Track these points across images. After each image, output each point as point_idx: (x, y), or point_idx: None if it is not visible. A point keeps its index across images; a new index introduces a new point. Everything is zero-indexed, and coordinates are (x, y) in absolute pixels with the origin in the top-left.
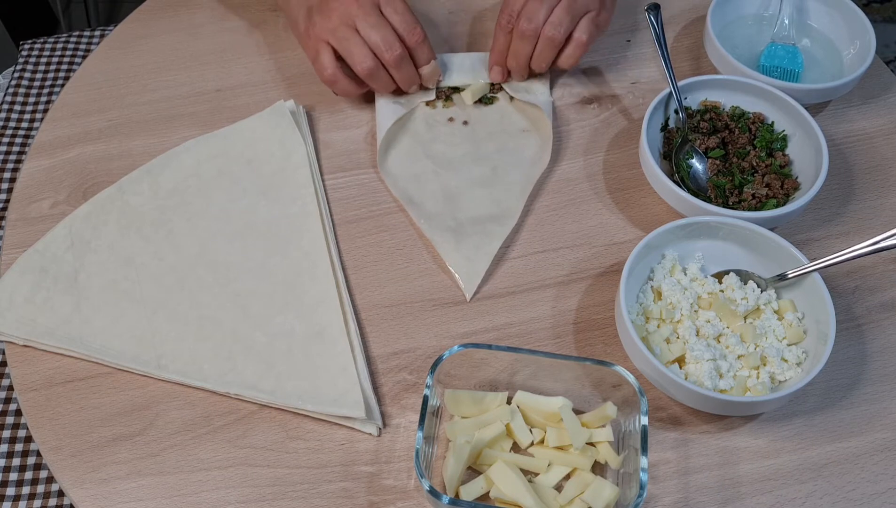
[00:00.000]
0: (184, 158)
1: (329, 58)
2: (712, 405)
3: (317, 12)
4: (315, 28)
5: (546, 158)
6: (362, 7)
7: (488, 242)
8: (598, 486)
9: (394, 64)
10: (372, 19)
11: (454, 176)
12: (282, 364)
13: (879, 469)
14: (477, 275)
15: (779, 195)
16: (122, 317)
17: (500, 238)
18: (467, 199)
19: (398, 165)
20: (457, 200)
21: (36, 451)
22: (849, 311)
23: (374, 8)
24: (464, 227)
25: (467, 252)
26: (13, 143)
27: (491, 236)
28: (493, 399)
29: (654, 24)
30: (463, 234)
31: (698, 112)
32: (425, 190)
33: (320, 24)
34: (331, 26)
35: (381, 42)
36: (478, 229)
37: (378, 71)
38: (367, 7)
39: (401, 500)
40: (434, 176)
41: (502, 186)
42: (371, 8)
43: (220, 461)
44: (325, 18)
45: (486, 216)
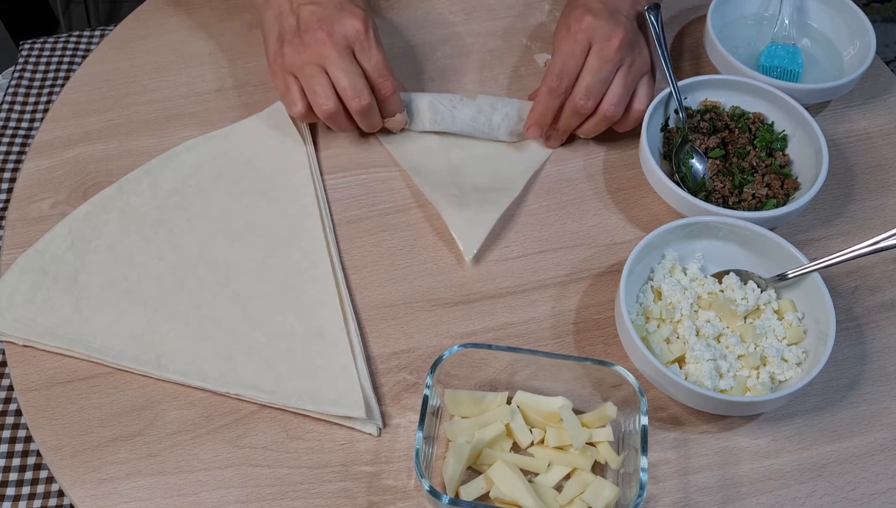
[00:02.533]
0: (184, 158)
1: (298, 94)
2: (712, 405)
3: (288, 43)
4: (284, 59)
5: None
6: (336, 48)
7: (490, 209)
8: (598, 486)
9: (359, 112)
10: (343, 63)
11: (460, 151)
12: (282, 364)
13: (879, 469)
14: (478, 239)
15: (779, 195)
16: (122, 317)
17: (502, 207)
18: (471, 170)
19: (406, 138)
20: (460, 170)
21: (36, 451)
22: (849, 311)
23: (347, 51)
24: (466, 194)
25: (469, 216)
26: (13, 143)
27: (492, 204)
28: (493, 399)
29: (654, 24)
30: (465, 200)
31: (698, 112)
32: (431, 161)
33: (290, 57)
34: (300, 62)
35: (348, 88)
36: (479, 198)
37: (339, 115)
38: (340, 49)
39: (401, 500)
40: (440, 150)
41: (506, 162)
42: (344, 51)
43: (220, 461)
44: (296, 52)
45: (488, 187)
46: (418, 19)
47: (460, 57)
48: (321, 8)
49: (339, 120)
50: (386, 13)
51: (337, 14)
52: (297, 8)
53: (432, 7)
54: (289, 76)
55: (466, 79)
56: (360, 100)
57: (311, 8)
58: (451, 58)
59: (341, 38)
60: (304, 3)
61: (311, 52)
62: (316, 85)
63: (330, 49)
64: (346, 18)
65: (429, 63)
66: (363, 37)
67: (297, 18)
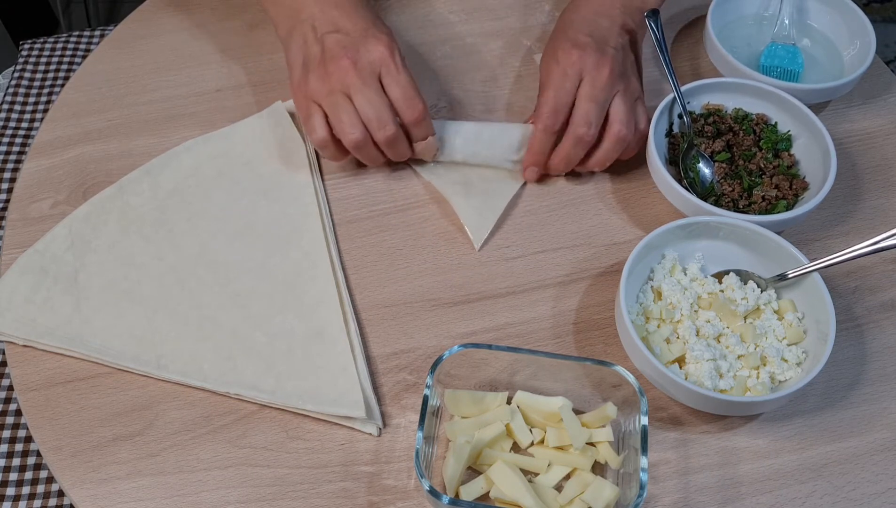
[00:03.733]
0: (184, 158)
1: (321, 121)
2: (712, 405)
3: (312, 70)
4: (308, 87)
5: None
6: (360, 76)
7: (497, 196)
8: (598, 486)
9: (385, 143)
10: (369, 92)
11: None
12: (282, 364)
13: (879, 469)
14: (485, 228)
15: (788, 196)
16: (122, 317)
17: (508, 197)
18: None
19: None
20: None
21: (36, 451)
22: (849, 311)
23: (373, 78)
24: (472, 182)
25: (476, 204)
26: (13, 143)
27: (499, 193)
28: (493, 399)
29: (655, 30)
30: (472, 187)
31: (701, 116)
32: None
33: (314, 85)
34: (325, 90)
35: (374, 118)
36: (485, 187)
37: (366, 145)
38: (365, 77)
39: (401, 500)
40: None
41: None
42: (370, 78)
43: (220, 461)
44: (320, 80)
45: (493, 176)
46: (418, 19)
47: (460, 57)
48: (345, 36)
49: (367, 150)
50: (386, 13)
51: (362, 41)
52: (321, 36)
53: (432, 7)
54: (312, 104)
55: (466, 79)
56: (386, 130)
57: (336, 36)
58: (451, 58)
59: (366, 66)
60: (329, 31)
61: (336, 81)
62: (342, 113)
63: (354, 77)
64: (371, 45)
65: (429, 63)
66: (389, 62)
67: (322, 47)
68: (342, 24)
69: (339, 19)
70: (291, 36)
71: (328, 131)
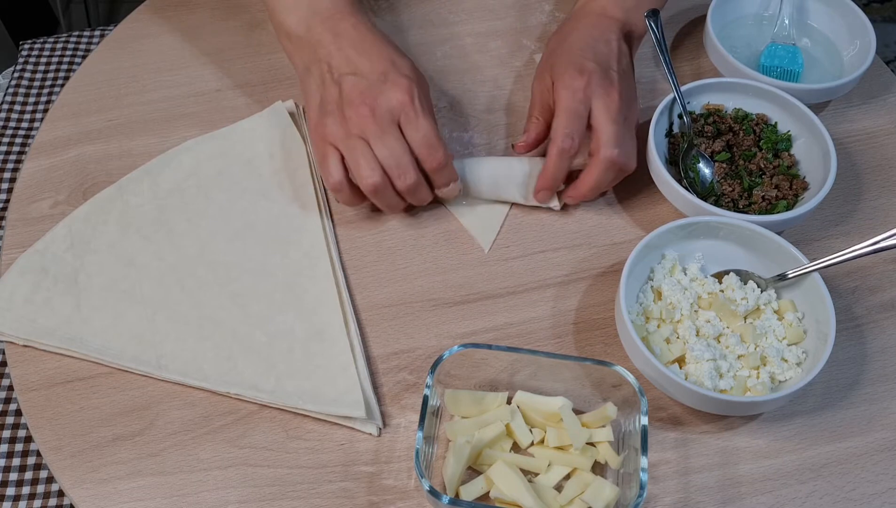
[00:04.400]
0: (183, 158)
1: (337, 164)
2: (712, 405)
3: (330, 113)
4: (326, 130)
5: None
6: (379, 123)
7: (500, 204)
8: (598, 486)
9: (406, 191)
10: (388, 140)
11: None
12: (282, 364)
13: (879, 469)
14: (492, 230)
15: (788, 196)
16: (122, 317)
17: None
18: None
19: None
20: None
21: (36, 451)
22: (849, 311)
23: (391, 126)
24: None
25: (481, 212)
26: (13, 143)
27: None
28: (493, 399)
29: (655, 30)
30: (474, 203)
31: (701, 116)
32: None
33: (332, 128)
34: (342, 134)
35: (394, 166)
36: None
37: (385, 190)
38: (384, 124)
39: (401, 500)
40: None
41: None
42: (388, 126)
43: (220, 461)
44: (338, 124)
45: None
46: (418, 19)
47: (460, 57)
48: (363, 79)
49: (386, 194)
50: (386, 13)
51: (380, 86)
52: (338, 78)
53: (432, 7)
54: (329, 146)
55: (466, 79)
56: (406, 178)
57: (353, 79)
58: (451, 58)
59: (385, 113)
60: (346, 72)
61: (354, 126)
62: (359, 157)
63: (373, 125)
64: (389, 90)
65: (429, 63)
66: (409, 108)
67: (340, 89)
68: (360, 65)
69: (356, 59)
70: (308, 73)
71: (344, 174)
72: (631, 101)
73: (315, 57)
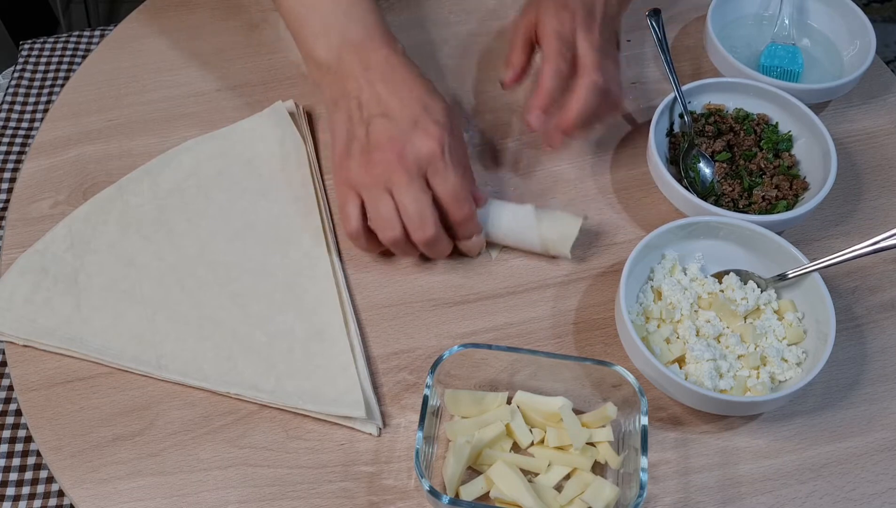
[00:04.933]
0: (183, 158)
1: (356, 210)
2: (712, 405)
3: (355, 156)
4: (350, 173)
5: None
6: (406, 172)
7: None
8: (598, 486)
9: (422, 244)
10: (412, 190)
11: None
12: (282, 364)
13: (879, 469)
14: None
15: (788, 197)
16: (122, 317)
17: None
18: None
19: None
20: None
21: (36, 451)
22: (849, 311)
23: (418, 176)
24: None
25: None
26: (13, 143)
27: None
28: (493, 399)
29: (656, 30)
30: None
31: (702, 116)
32: None
33: (355, 172)
34: (366, 180)
35: (415, 217)
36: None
37: (403, 243)
38: (411, 172)
39: (401, 500)
40: None
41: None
42: (415, 175)
43: (220, 461)
44: (363, 169)
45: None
46: (418, 19)
47: (460, 57)
48: (393, 124)
49: (404, 247)
50: (386, 13)
51: (410, 132)
52: (367, 118)
53: (432, 7)
54: (350, 191)
55: (466, 79)
56: (424, 231)
57: (383, 122)
58: (451, 58)
59: (412, 162)
60: (376, 113)
61: (379, 173)
62: (381, 208)
63: (399, 173)
64: (419, 138)
65: (429, 63)
66: (438, 159)
67: (367, 131)
68: (390, 106)
69: (386, 98)
70: (337, 106)
71: (363, 223)
72: (612, 43)
73: (344, 91)
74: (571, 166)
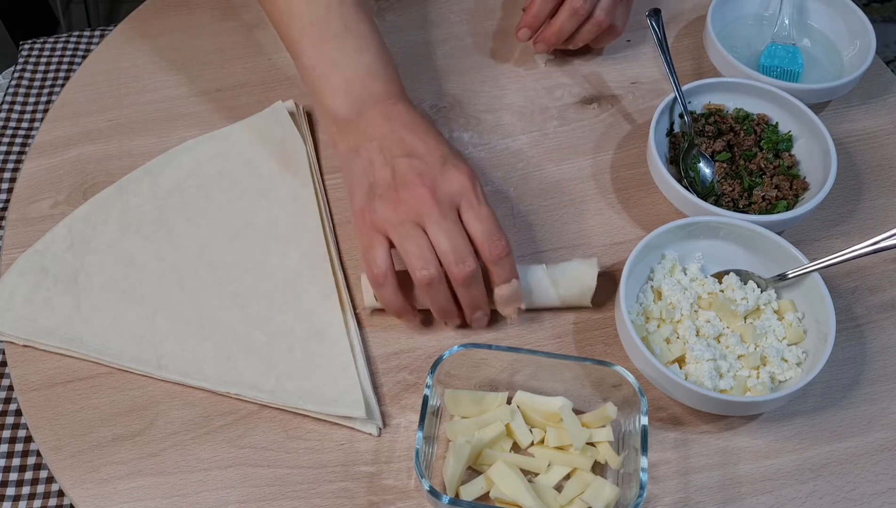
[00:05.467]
0: (184, 158)
1: (384, 254)
2: (712, 405)
3: (381, 196)
4: (375, 215)
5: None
6: (438, 205)
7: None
8: (598, 486)
9: (462, 280)
10: (446, 224)
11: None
12: (282, 364)
13: (879, 469)
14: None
15: (788, 197)
16: (122, 317)
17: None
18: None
19: None
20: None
21: (36, 451)
22: (849, 311)
23: (451, 210)
24: None
25: None
26: (13, 143)
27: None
28: (493, 399)
29: (656, 30)
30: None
31: (702, 116)
32: None
33: (382, 212)
34: (395, 219)
35: (451, 251)
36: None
37: (439, 284)
38: (444, 207)
39: (401, 500)
40: None
41: None
42: (448, 209)
43: (220, 461)
44: (390, 208)
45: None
46: (418, 19)
47: (460, 57)
48: (421, 162)
49: (439, 292)
50: (386, 13)
51: (440, 168)
52: (391, 159)
53: (432, 7)
54: (377, 234)
55: (466, 79)
56: (465, 266)
57: (410, 161)
58: (451, 58)
59: (445, 196)
60: (401, 155)
61: (409, 209)
62: (413, 246)
63: (432, 207)
64: (450, 173)
65: (429, 63)
66: (471, 194)
67: (393, 171)
68: (416, 148)
69: (412, 142)
70: (356, 155)
71: (390, 265)
72: None
73: (365, 137)
74: (571, 166)
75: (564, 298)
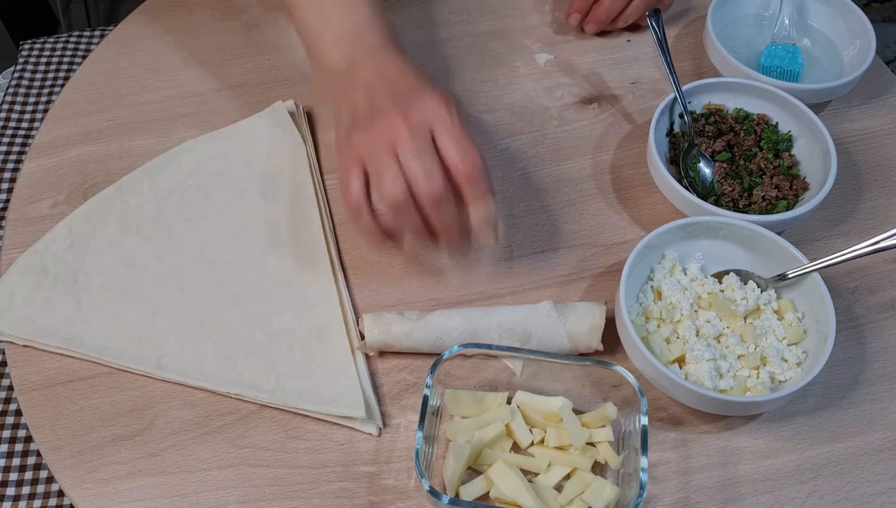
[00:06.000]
0: (183, 158)
1: (358, 181)
2: (712, 405)
3: (358, 127)
4: (352, 142)
5: None
6: (410, 128)
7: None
8: (598, 486)
9: (429, 198)
10: (414, 143)
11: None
12: (282, 364)
13: (879, 469)
14: None
15: (788, 197)
16: (122, 317)
17: None
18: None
19: None
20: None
21: (36, 451)
22: (849, 311)
23: (422, 132)
24: None
25: None
26: (13, 143)
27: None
28: (493, 399)
29: (657, 30)
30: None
31: (702, 116)
32: None
33: (357, 140)
34: (368, 144)
35: (420, 172)
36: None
37: (407, 207)
38: (414, 129)
39: (401, 500)
40: None
41: None
42: (419, 130)
43: (220, 461)
44: (366, 134)
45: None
46: (418, 19)
47: (460, 57)
48: (399, 93)
49: (408, 214)
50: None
51: (415, 95)
52: (371, 94)
53: (432, 7)
54: (353, 164)
55: (466, 79)
56: (431, 183)
57: (389, 95)
58: (451, 58)
59: (419, 121)
60: (381, 90)
61: (382, 133)
62: (383, 168)
63: (404, 129)
64: (425, 98)
65: (429, 63)
66: (445, 116)
67: (372, 102)
68: (397, 81)
69: (394, 76)
70: (343, 98)
71: (364, 193)
72: None
73: (351, 84)
74: (571, 166)
75: (572, 333)
